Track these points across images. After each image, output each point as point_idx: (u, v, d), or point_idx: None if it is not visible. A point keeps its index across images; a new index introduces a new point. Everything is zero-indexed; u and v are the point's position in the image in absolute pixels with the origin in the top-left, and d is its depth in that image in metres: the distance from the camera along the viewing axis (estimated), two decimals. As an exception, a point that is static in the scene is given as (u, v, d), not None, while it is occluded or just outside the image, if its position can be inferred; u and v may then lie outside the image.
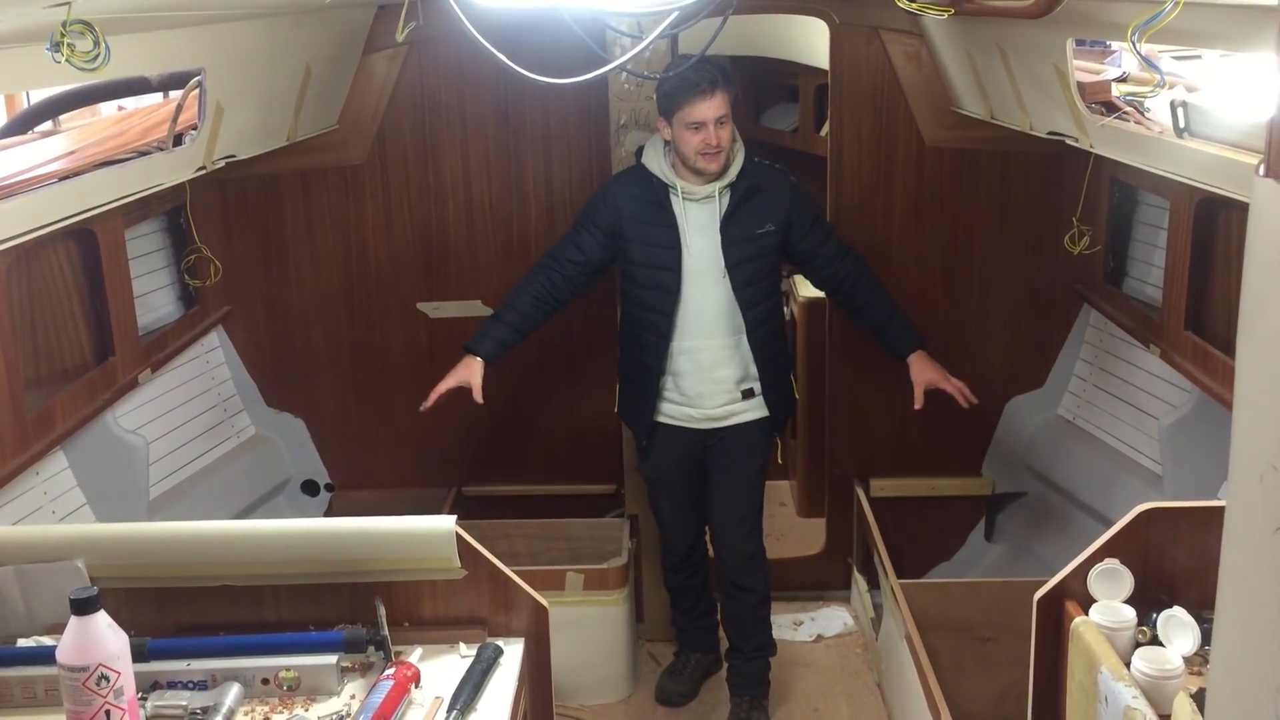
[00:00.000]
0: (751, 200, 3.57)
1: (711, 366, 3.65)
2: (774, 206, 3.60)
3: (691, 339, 3.63)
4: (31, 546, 2.09)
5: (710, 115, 3.41)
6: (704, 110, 3.40)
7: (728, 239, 3.55)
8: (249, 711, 1.93)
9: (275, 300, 4.42)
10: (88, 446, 3.40)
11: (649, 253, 3.59)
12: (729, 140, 3.49)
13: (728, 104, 3.44)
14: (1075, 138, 3.42)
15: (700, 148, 3.44)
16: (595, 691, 3.94)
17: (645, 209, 3.59)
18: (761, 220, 3.58)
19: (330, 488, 4.62)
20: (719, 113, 3.42)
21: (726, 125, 3.46)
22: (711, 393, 3.68)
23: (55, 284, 3.35)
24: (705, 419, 3.72)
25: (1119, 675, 2.03)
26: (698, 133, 3.43)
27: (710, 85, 3.40)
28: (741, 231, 3.55)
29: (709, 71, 3.40)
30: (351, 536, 2.13)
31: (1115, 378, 4.05)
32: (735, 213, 3.55)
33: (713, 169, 3.50)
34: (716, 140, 3.43)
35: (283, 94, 3.77)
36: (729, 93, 3.45)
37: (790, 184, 3.70)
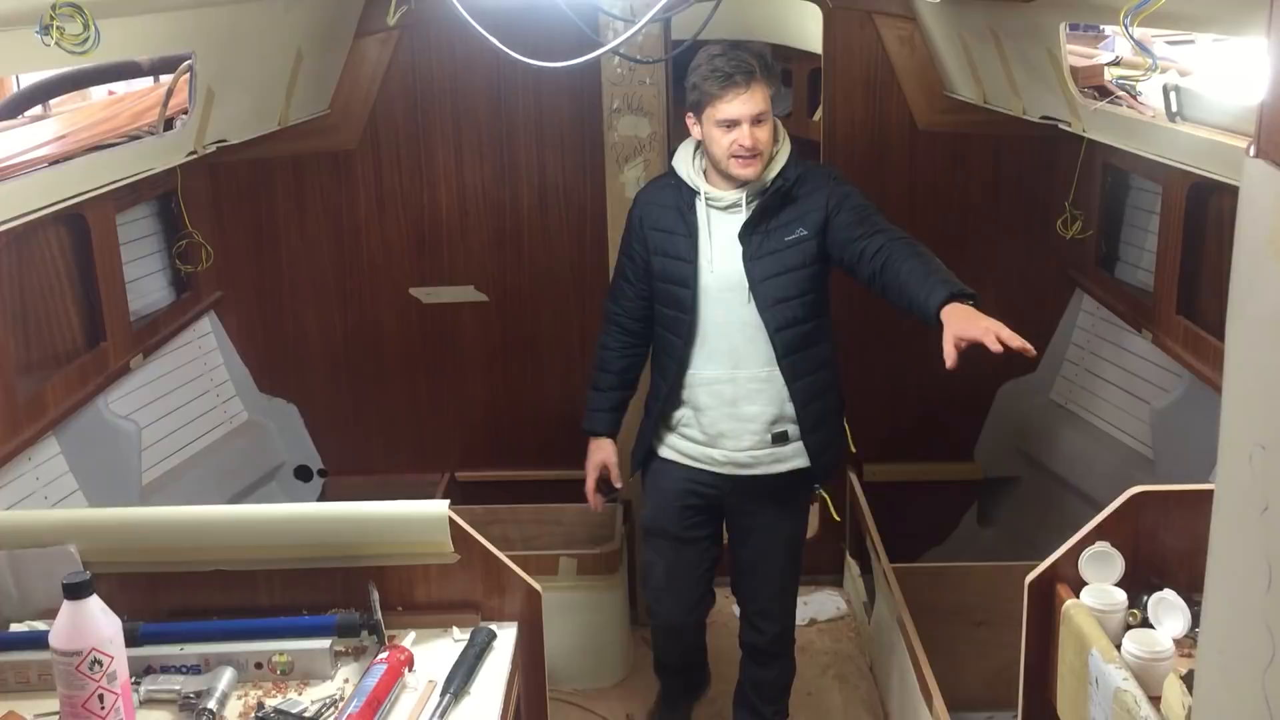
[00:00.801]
0: (784, 206, 3.02)
1: (735, 401, 3.09)
2: (809, 208, 3.01)
3: (714, 368, 3.09)
4: (24, 531, 2.08)
5: (745, 112, 2.90)
6: (737, 106, 2.90)
7: (750, 250, 3.00)
8: (242, 695, 1.93)
9: (267, 285, 4.41)
10: (80, 432, 3.39)
11: (666, 266, 3.11)
12: (768, 142, 2.97)
13: (767, 98, 2.94)
14: (1068, 122, 3.42)
15: (733, 150, 2.94)
16: (588, 676, 3.95)
17: (669, 217, 3.11)
18: (791, 226, 3.00)
19: (323, 473, 4.61)
20: (756, 109, 2.91)
21: (765, 124, 2.94)
22: (735, 432, 3.11)
23: (46, 269, 3.34)
24: (728, 463, 3.15)
25: (1109, 657, 2.04)
26: (729, 132, 2.93)
27: (745, 76, 2.89)
28: (767, 241, 3.00)
29: (744, 60, 2.91)
30: (345, 521, 2.13)
31: (1107, 362, 4.06)
32: (761, 220, 3.01)
33: (747, 175, 2.97)
34: (751, 142, 2.92)
35: (274, 78, 3.75)
36: (769, 85, 2.95)
37: (831, 178, 3.09)
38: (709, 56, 2.94)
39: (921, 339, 4.33)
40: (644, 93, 3.97)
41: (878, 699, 3.85)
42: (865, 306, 4.29)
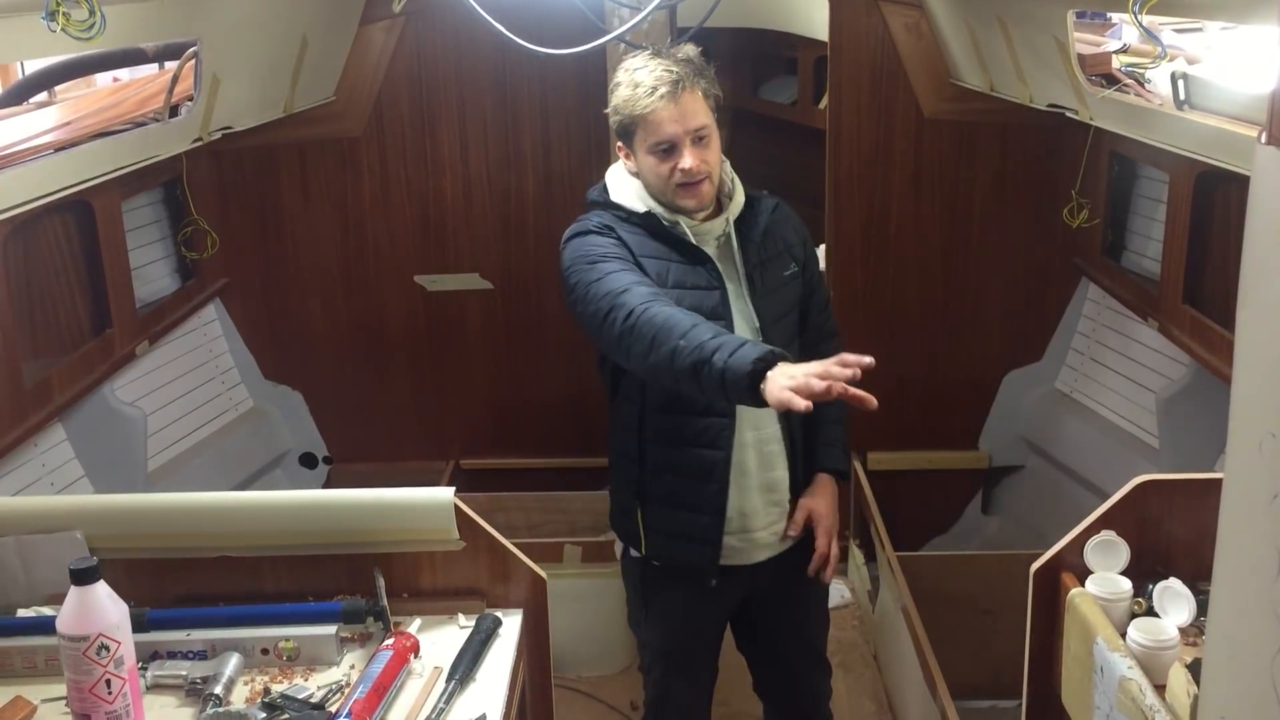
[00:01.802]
0: (771, 234, 2.55)
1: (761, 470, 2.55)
2: (788, 241, 2.59)
3: (745, 428, 2.51)
4: (31, 517, 2.09)
5: (679, 130, 2.34)
6: (668, 123, 2.33)
7: (757, 288, 2.48)
8: (249, 681, 1.94)
9: (272, 273, 4.41)
10: (86, 418, 3.40)
11: (690, 300, 2.39)
12: (717, 160, 2.42)
13: (708, 109, 2.39)
14: (1075, 110, 3.41)
15: (675, 179, 2.37)
16: (593, 663, 3.96)
17: (650, 245, 2.46)
18: (782, 260, 2.56)
19: (328, 460, 4.62)
20: (694, 123, 2.35)
21: (709, 140, 2.38)
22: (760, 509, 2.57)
23: (52, 256, 3.34)
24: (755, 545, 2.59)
25: (1114, 646, 2.04)
26: (667, 158, 2.37)
27: (672, 87, 2.32)
28: (766, 276, 2.51)
29: (668, 68, 2.34)
30: (350, 508, 2.13)
31: (1113, 351, 4.06)
32: (758, 252, 2.51)
33: (692, 205, 2.41)
34: (695, 163, 2.35)
35: (279, 65, 3.75)
36: (708, 92, 2.40)
37: (794, 215, 2.67)
38: (628, 71, 2.40)
39: (927, 327, 4.36)
40: (649, 80, 3.96)
41: (882, 687, 3.85)
42: (870, 293, 4.31)
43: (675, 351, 2.11)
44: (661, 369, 2.17)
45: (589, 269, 2.35)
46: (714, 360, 2.06)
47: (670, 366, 2.13)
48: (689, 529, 2.52)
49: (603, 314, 2.27)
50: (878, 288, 4.34)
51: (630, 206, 2.46)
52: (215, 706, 1.82)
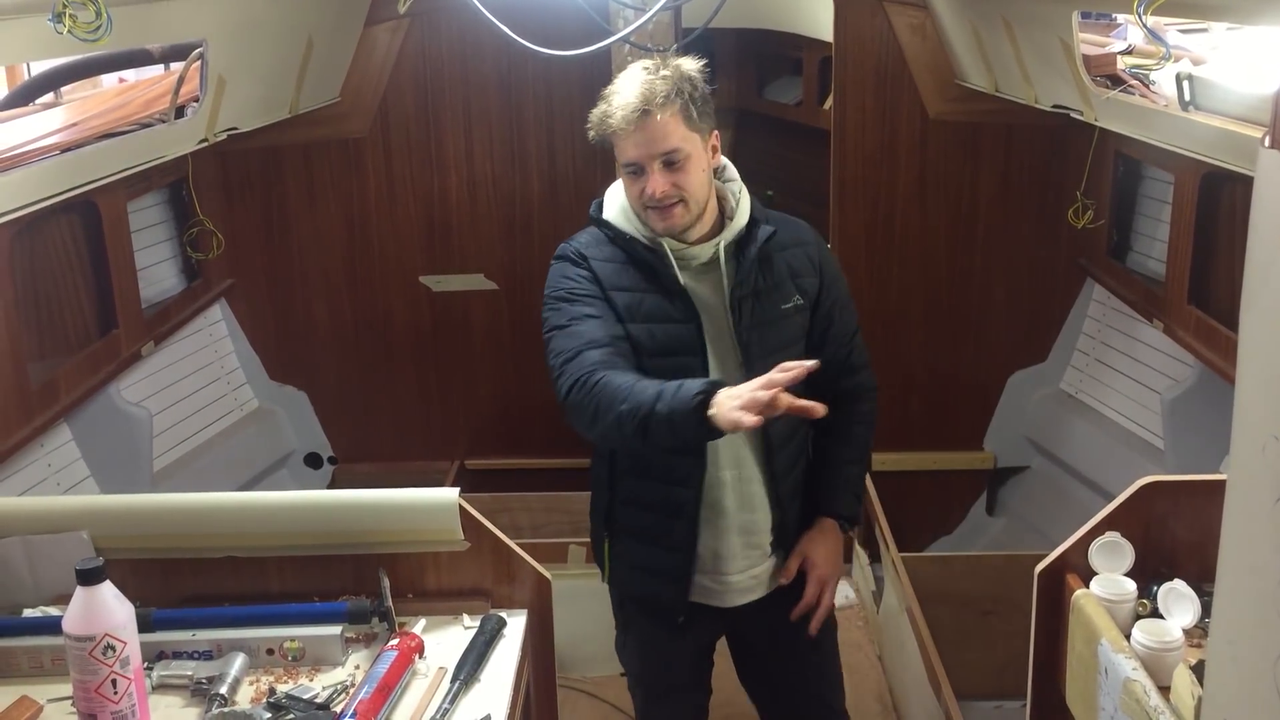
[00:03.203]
0: (772, 261, 2.35)
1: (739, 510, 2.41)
2: (797, 270, 2.38)
3: (718, 467, 2.39)
4: (37, 517, 2.09)
5: (644, 153, 2.21)
6: (633, 146, 2.22)
7: (744, 321, 2.30)
8: (254, 681, 1.94)
9: (278, 273, 4.42)
10: (92, 419, 3.41)
11: (657, 333, 2.31)
12: (696, 187, 2.25)
13: (685, 133, 2.22)
14: (1080, 111, 3.41)
15: (644, 201, 2.26)
16: (597, 663, 3.95)
17: (629, 275, 2.34)
18: (783, 291, 2.35)
19: (333, 460, 4.63)
20: (660, 148, 2.20)
21: (686, 166, 2.22)
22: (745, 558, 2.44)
23: (58, 256, 3.35)
24: (735, 589, 2.47)
25: (1119, 647, 2.04)
26: (636, 179, 2.26)
27: (641, 107, 2.18)
28: (760, 307, 2.32)
29: (642, 85, 2.21)
30: (355, 508, 2.13)
31: (1117, 352, 4.05)
32: (750, 281, 2.31)
33: (662, 228, 2.28)
34: (660, 191, 2.21)
35: (284, 66, 3.75)
36: (687, 115, 2.22)
37: (818, 238, 2.48)
38: (612, 84, 2.30)
39: (932, 328, 4.36)
40: (654, 81, 3.96)
41: (886, 688, 3.85)
42: (875, 294, 4.31)
43: (620, 419, 2.07)
44: (612, 437, 2.16)
45: (555, 312, 2.33)
46: (657, 411, 2.02)
47: (619, 433, 2.10)
48: (655, 564, 2.44)
49: (554, 375, 2.27)
50: (882, 288, 4.34)
51: (617, 226, 2.36)
52: (220, 706, 1.83)
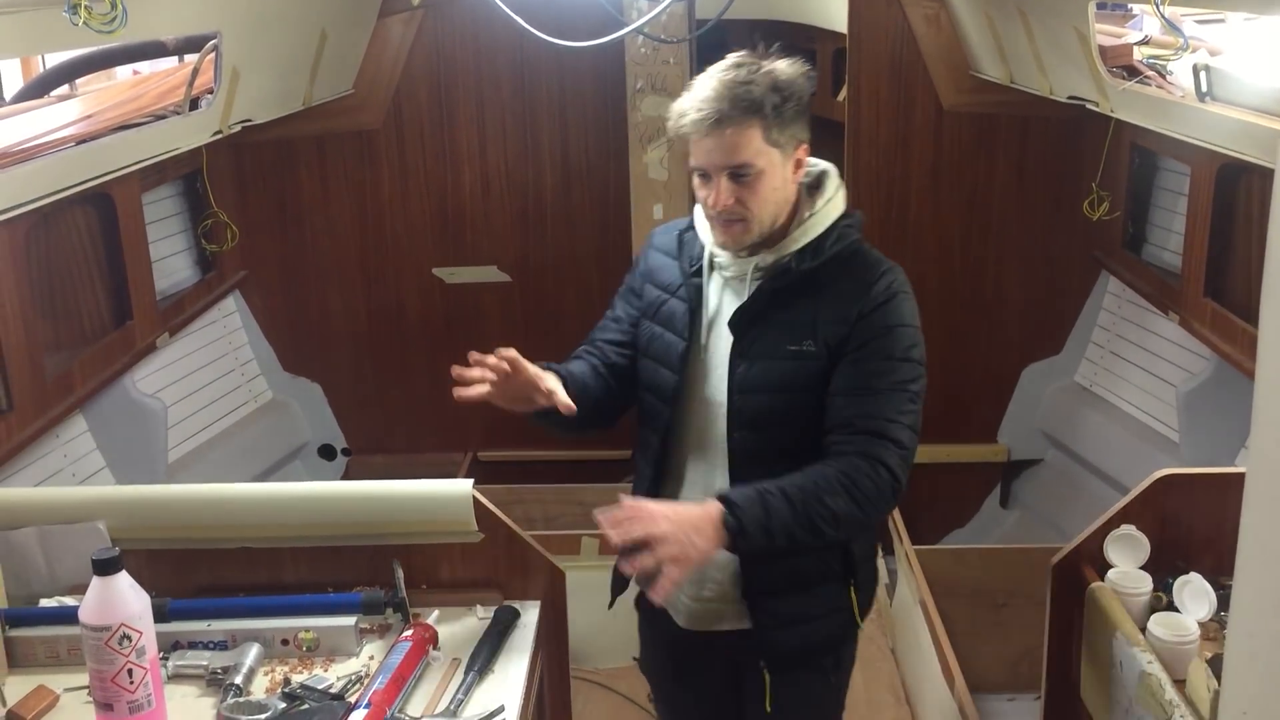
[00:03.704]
0: (800, 296, 2.08)
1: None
2: (831, 314, 2.06)
3: (686, 489, 2.20)
4: (53, 508, 2.10)
5: (712, 162, 2.04)
6: (703, 152, 2.05)
7: (740, 347, 2.11)
8: (269, 671, 1.94)
9: (291, 265, 4.43)
10: (107, 410, 3.42)
11: (654, 336, 2.22)
12: (764, 203, 2.04)
13: (759, 147, 2.01)
14: (1095, 102, 3.39)
15: (708, 209, 2.09)
16: (610, 655, 3.96)
17: (669, 272, 2.23)
18: (799, 330, 2.07)
19: (347, 452, 4.64)
20: (730, 159, 2.01)
21: (755, 181, 2.03)
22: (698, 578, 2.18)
23: (73, 248, 3.36)
24: (688, 613, 2.25)
25: (1134, 641, 2.03)
26: (704, 184, 2.08)
27: (717, 112, 1.99)
28: (763, 340, 2.09)
29: (724, 89, 2.01)
30: (370, 500, 2.14)
31: (1133, 344, 4.04)
32: (763, 309, 2.09)
33: (722, 242, 2.12)
34: (721, 201, 2.03)
35: (298, 58, 3.76)
36: (766, 124, 2.01)
37: (891, 291, 2.08)
38: (703, 74, 2.10)
39: (945, 320, 4.34)
40: (668, 73, 3.96)
41: (899, 680, 3.85)
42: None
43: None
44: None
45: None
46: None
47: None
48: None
49: None
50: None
51: (695, 223, 2.22)
52: (236, 696, 1.83)
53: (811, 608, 2.18)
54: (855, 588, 2.20)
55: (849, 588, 2.19)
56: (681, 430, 2.19)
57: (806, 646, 2.20)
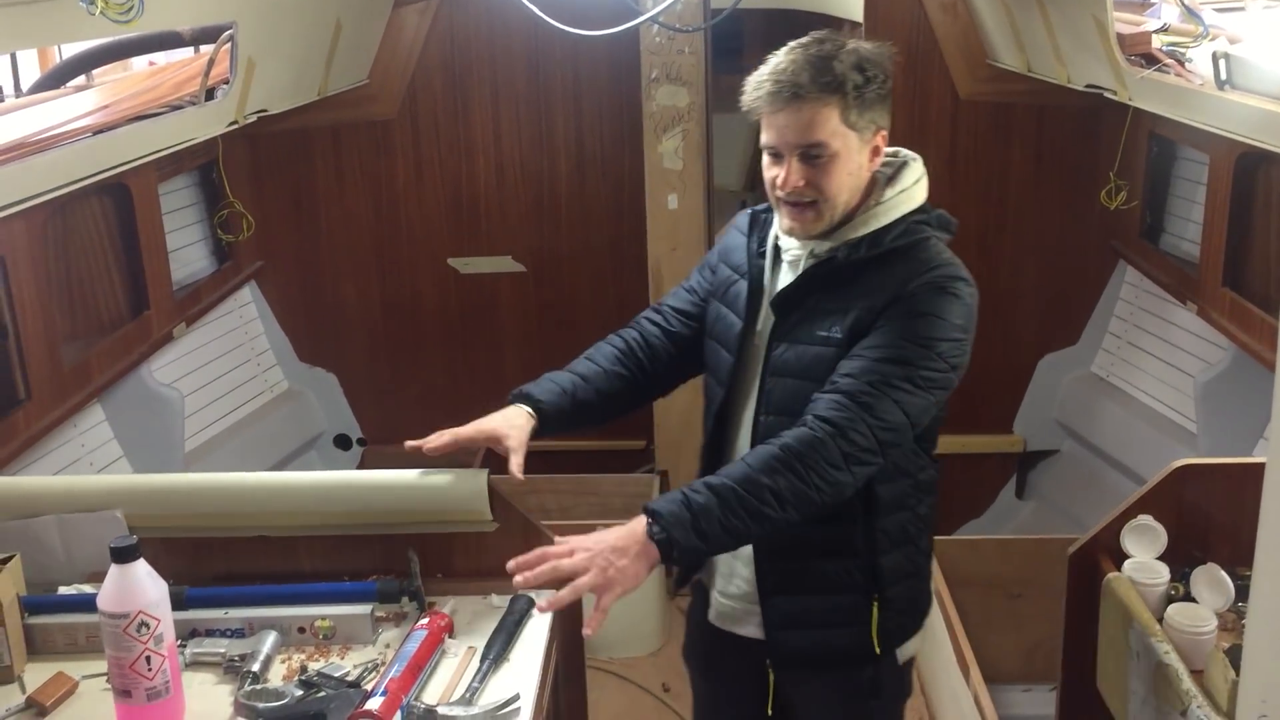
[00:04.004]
0: (845, 284, 1.98)
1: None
2: (867, 301, 1.95)
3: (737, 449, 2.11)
4: (71, 496, 2.11)
5: (784, 140, 1.93)
6: (774, 127, 1.94)
7: (780, 330, 2.03)
8: (286, 659, 1.95)
9: (307, 255, 4.44)
10: (124, 399, 3.44)
11: (718, 316, 2.14)
12: (837, 189, 1.93)
13: (836, 127, 1.91)
14: (1114, 90, 3.37)
15: (777, 190, 1.98)
16: (625, 645, 3.97)
17: (740, 254, 2.14)
18: (834, 317, 1.96)
19: (362, 442, 4.66)
20: (804, 138, 1.91)
21: (829, 163, 1.92)
22: (727, 571, 2.17)
23: (90, 238, 3.38)
24: (716, 609, 2.21)
25: (1151, 631, 2.02)
26: (774, 164, 1.97)
27: (794, 86, 1.88)
28: (802, 325, 2.00)
29: (799, 64, 1.90)
30: (386, 489, 2.14)
31: (1150, 335, 4.02)
32: (806, 293, 2.01)
33: (788, 229, 2.01)
34: (791, 182, 1.93)
35: (313, 48, 3.76)
36: (845, 104, 1.90)
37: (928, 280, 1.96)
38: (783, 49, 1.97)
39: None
40: (683, 62, 3.95)
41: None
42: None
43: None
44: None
45: None
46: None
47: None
48: None
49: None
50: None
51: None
52: (253, 684, 1.84)
53: (824, 614, 2.07)
54: (880, 605, 2.05)
55: (871, 603, 2.05)
56: (733, 414, 2.10)
57: (816, 654, 2.09)
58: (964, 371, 2.00)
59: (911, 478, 2.07)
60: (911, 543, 2.09)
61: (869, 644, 2.06)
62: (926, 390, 1.91)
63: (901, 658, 2.13)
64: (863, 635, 2.06)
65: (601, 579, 1.75)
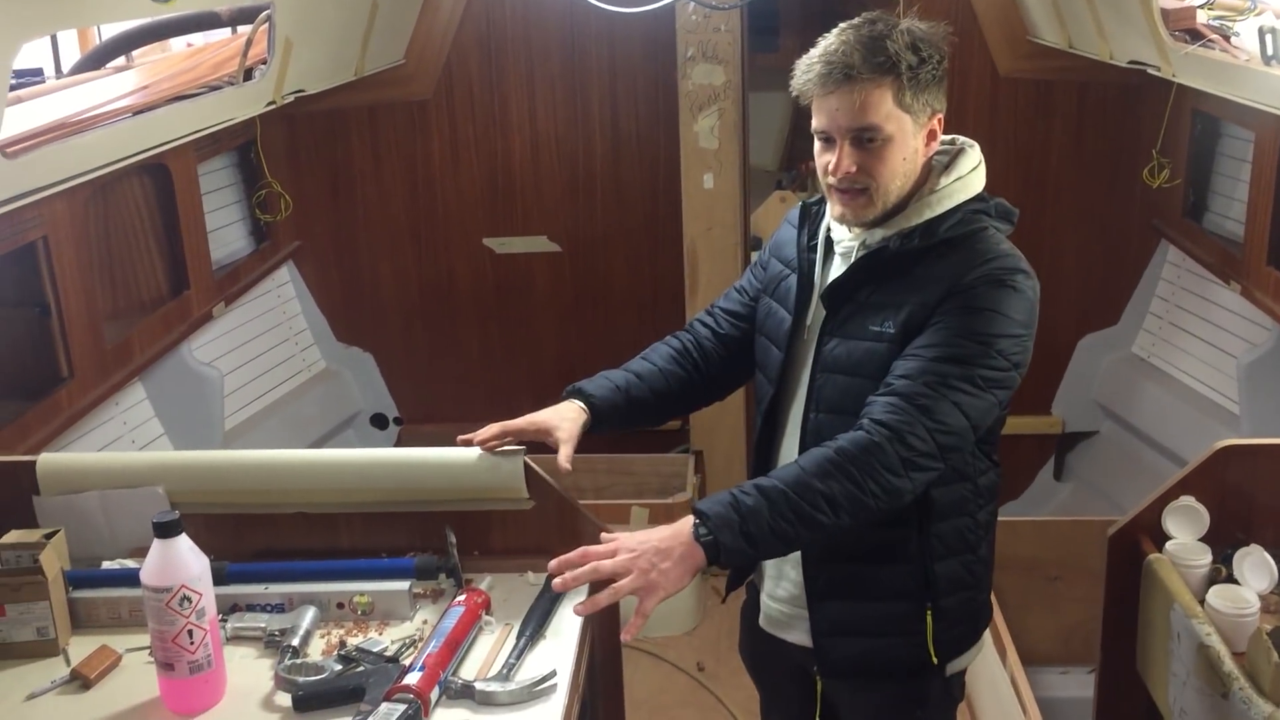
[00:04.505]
0: (898, 275, 1.91)
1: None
2: (921, 295, 1.87)
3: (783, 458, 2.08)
4: (114, 473, 2.14)
5: (836, 124, 1.86)
6: (825, 111, 1.87)
7: (831, 324, 1.96)
8: (325, 634, 1.97)
9: (343, 235, 4.47)
10: (165, 378, 3.47)
11: (769, 312, 2.10)
12: (891, 174, 1.87)
13: (892, 105, 1.83)
14: (1157, 66, 3.32)
15: (825, 175, 1.92)
16: (660, 624, 3.98)
17: (791, 248, 2.08)
18: (887, 311, 1.90)
19: (399, 421, 4.68)
20: (856, 121, 1.84)
21: (884, 150, 1.86)
22: (775, 574, 2.14)
23: (131, 218, 3.41)
24: (765, 612, 2.18)
25: (1193, 613, 2.00)
26: (826, 149, 1.90)
27: (843, 73, 1.82)
28: (855, 320, 1.93)
29: (851, 45, 1.83)
30: (423, 467, 2.15)
31: (1192, 315, 3.97)
32: (853, 285, 1.95)
33: (840, 215, 1.94)
34: (843, 167, 1.87)
35: (350, 28, 3.77)
36: (899, 86, 1.83)
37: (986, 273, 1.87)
38: (834, 30, 1.91)
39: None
40: (719, 40, 3.92)
41: (950, 652, 3.83)
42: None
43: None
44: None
45: None
46: None
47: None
48: None
49: None
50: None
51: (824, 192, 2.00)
52: (293, 658, 1.86)
53: (875, 622, 2.01)
54: (934, 615, 1.98)
55: (925, 612, 1.98)
56: (782, 412, 2.04)
57: (865, 664, 2.04)
58: (1025, 370, 1.92)
59: (970, 481, 2.00)
60: (970, 550, 2.03)
61: (922, 655, 2.00)
62: (987, 390, 1.84)
63: (951, 670, 2.08)
64: (915, 646, 2.00)
65: (644, 581, 1.69)
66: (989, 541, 2.11)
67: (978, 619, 2.11)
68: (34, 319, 2.92)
